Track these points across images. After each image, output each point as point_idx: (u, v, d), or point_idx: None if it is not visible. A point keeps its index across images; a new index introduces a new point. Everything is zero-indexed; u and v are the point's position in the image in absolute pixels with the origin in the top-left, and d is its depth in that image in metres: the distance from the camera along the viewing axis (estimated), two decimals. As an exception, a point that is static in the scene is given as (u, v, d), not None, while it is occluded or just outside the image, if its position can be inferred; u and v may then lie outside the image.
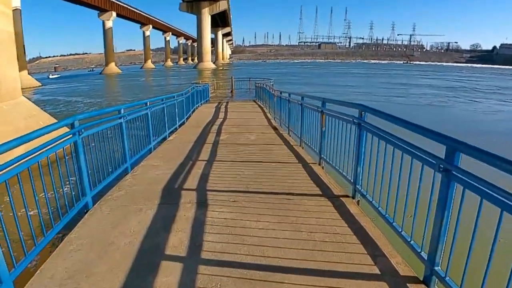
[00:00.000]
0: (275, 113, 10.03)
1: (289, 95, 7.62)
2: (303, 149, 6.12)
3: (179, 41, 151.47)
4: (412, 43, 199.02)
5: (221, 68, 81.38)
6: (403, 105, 20.66)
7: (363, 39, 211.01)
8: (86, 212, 3.53)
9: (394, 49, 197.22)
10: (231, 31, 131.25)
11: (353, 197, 3.60)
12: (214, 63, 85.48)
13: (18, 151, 2.48)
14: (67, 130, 3.48)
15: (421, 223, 2.35)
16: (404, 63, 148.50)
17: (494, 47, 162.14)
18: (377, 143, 3.09)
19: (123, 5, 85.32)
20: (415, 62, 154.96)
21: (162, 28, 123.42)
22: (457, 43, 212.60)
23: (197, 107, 14.04)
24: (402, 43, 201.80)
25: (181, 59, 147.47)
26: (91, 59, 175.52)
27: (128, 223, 3.18)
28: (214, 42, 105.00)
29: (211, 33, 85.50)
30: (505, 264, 1.68)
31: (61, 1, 67.48)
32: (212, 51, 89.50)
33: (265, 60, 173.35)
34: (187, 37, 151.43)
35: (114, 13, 78.90)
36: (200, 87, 16.02)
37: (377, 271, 2.35)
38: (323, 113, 4.76)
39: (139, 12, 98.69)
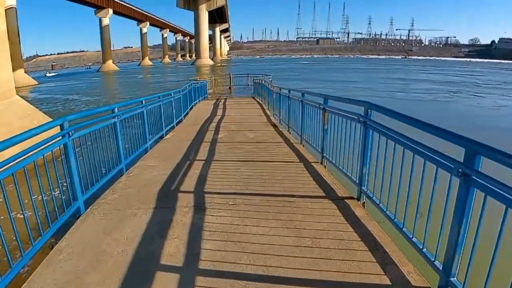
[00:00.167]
0: (274, 109, 9.85)
1: (289, 91, 7.44)
2: (304, 147, 5.95)
3: (176, 38, 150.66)
4: (410, 38, 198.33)
5: (219, 64, 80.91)
6: (405, 101, 20.43)
7: (361, 34, 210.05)
8: (78, 217, 3.36)
9: (392, 44, 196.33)
10: (229, 27, 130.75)
11: (358, 199, 3.43)
12: (212, 59, 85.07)
13: (3, 155, 2.31)
14: (58, 131, 3.30)
15: (434, 230, 2.20)
16: (402, 58, 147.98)
17: (492, 42, 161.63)
18: (384, 143, 2.92)
19: (119, 2, 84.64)
20: (414, 57, 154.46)
21: (159, 25, 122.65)
22: (455, 37, 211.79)
23: (195, 104, 13.85)
24: (400, 38, 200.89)
25: (179, 55, 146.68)
26: (88, 57, 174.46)
27: (122, 229, 3.01)
28: (211, 38, 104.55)
29: (209, 29, 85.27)
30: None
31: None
32: (210, 47, 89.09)
33: (263, 56, 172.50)
34: (184, 34, 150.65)
35: (110, 10, 78.33)
36: (198, 84, 15.83)
37: (387, 281, 2.19)
38: (325, 111, 4.59)
39: (136, 9, 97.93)
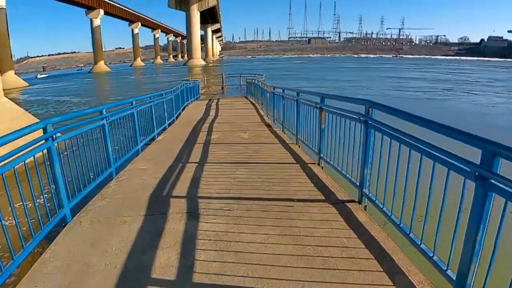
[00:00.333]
0: (268, 109, 9.67)
1: (283, 90, 7.27)
2: (300, 147, 5.79)
3: (168, 38, 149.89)
4: (401, 37, 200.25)
5: (211, 64, 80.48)
6: (402, 99, 20.27)
7: (352, 33, 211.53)
8: (64, 225, 3.15)
9: (383, 43, 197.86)
10: (221, 27, 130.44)
11: (360, 202, 3.28)
12: (204, 59, 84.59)
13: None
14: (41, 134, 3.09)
15: (445, 237, 2.05)
16: (393, 56, 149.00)
17: (482, 40, 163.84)
18: (386, 143, 2.77)
19: (111, 2, 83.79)
20: (404, 55, 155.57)
21: (151, 25, 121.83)
22: (445, 36, 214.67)
23: (188, 105, 13.63)
24: (391, 37, 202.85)
25: (171, 56, 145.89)
26: (80, 58, 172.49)
27: (110, 239, 2.81)
28: (203, 38, 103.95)
29: (201, 29, 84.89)
30: None
31: (49, 0, 66.28)
32: (202, 47, 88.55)
33: (255, 56, 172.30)
34: (176, 34, 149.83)
35: (101, 11, 77.52)
36: (190, 84, 15.61)
37: (397, 292, 2.04)
38: (322, 110, 4.43)
39: (128, 9, 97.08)
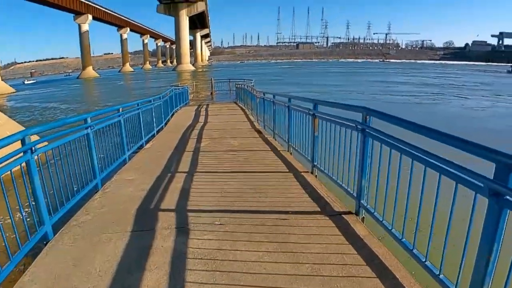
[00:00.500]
0: (258, 115, 9.54)
1: (274, 96, 7.14)
2: (292, 154, 5.65)
3: (157, 44, 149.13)
4: (388, 42, 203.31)
5: (200, 70, 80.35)
6: (393, 104, 20.35)
7: (340, 38, 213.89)
8: (46, 243, 2.93)
9: (370, 48, 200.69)
10: (210, 32, 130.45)
11: (357, 214, 3.13)
12: (193, 65, 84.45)
13: None
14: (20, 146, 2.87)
15: (452, 253, 1.92)
16: (380, 61, 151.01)
17: (466, 44, 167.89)
18: (386, 153, 2.64)
19: (99, 7, 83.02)
20: (391, 60, 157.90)
21: (140, 30, 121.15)
22: (431, 41, 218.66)
23: (177, 111, 13.41)
24: (378, 41, 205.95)
25: (160, 61, 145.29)
26: (68, 63, 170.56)
27: (94, 259, 2.60)
28: (192, 44, 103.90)
29: (190, 34, 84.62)
30: None
31: (37, 5, 65.33)
32: (190, 53, 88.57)
33: (243, 61, 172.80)
34: (165, 39, 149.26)
35: (90, 16, 76.82)
36: (179, 89, 15.40)
37: (403, 315, 1.89)
38: (316, 117, 4.30)
39: (116, 14, 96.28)
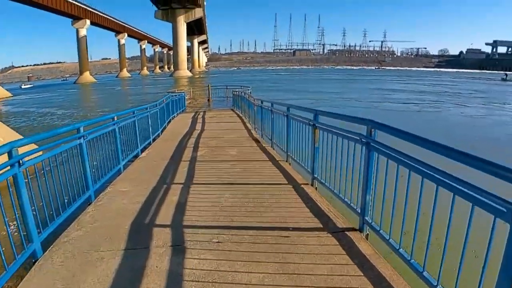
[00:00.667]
0: (256, 123, 9.42)
1: (272, 104, 7.00)
2: (291, 165, 5.53)
3: (155, 49, 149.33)
4: (383, 49, 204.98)
5: (198, 76, 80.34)
6: (393, 112, 20.21)
7: (336, 45, 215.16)
8: (35, 262, 2.77)
9: (366, 55, 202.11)
10: (207, 39, 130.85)
11: (361, 230, 3.00)
12: (190, 71, 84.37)
13: None
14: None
15: (467, 278, 1.79)
16: (376, 68, 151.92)
17: (460, 52, 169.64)
18: (391, 168, 2.52)
19: (97, 13, 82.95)
20: (387, 67, 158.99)
21: (137, 36, 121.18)
22: (426, 48, 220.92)
23: (173, 118, 13.28)
24: (374, 49, 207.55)
25: (157, 67, 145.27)
26: (65, 68, 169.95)
27: (85, 281, 2.44)
28: (190, 50, 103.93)
29: (187, 41, 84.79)
30: None
31: (35, 10, 65.40)
32: (188, 59, 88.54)
33: (240, 67, 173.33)
34: (163, 45, 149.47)
35: (88, 21, 76.66)
36: (175, 96, 15.28)
37: None
38: (316, 127, 4.18)
39: (114, 20, 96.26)
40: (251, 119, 10.69)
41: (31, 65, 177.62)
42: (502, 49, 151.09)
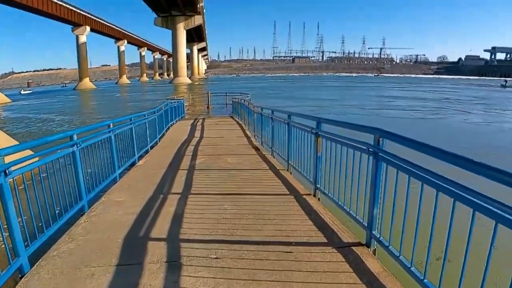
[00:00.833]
0: (256, 131, 9.27)
1: (272, 112, 6.85)
2: (292, 174, 5.36)
3: (154, 56, 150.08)
4: (382, 56, 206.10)
5: (197, 83, 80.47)
6: (398, 119, 19.79)
7: (335, 53, 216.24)
8: (21, 277, 2.59)
9: (365, 62, 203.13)
10: (207, 46, 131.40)
11: (368, 245, 2.82)
12: (189, 78, 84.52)
13: None
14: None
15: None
16: (375, 75, 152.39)
17: (459, 59, 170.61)
18: (401, 179, 2.37)
19: (97, 19, 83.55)
20: (386, 74, 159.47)
21: (137, 43, 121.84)
22: (425, 55, 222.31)
23: (172, 124, 13.13)
24: (373, 56, 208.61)
25: (157, 74, 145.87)
26: (65, 74, 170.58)
27: None
28: (189, 57, 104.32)
29: (187, 48, 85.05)
30: None
31: (36, 16, 65.74)
32: (187, 66, 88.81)
33: (239, 74, 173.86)
34: (162, 52, 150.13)
35: (88, 28, 77.12)
36: (175, 103, 15.16)
37: None
38: (319, 136, 4.02)
39: (114, 27, 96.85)
40: (250, 126, 10.56)
41: (31, 71, 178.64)
42: (501, 56, 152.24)
